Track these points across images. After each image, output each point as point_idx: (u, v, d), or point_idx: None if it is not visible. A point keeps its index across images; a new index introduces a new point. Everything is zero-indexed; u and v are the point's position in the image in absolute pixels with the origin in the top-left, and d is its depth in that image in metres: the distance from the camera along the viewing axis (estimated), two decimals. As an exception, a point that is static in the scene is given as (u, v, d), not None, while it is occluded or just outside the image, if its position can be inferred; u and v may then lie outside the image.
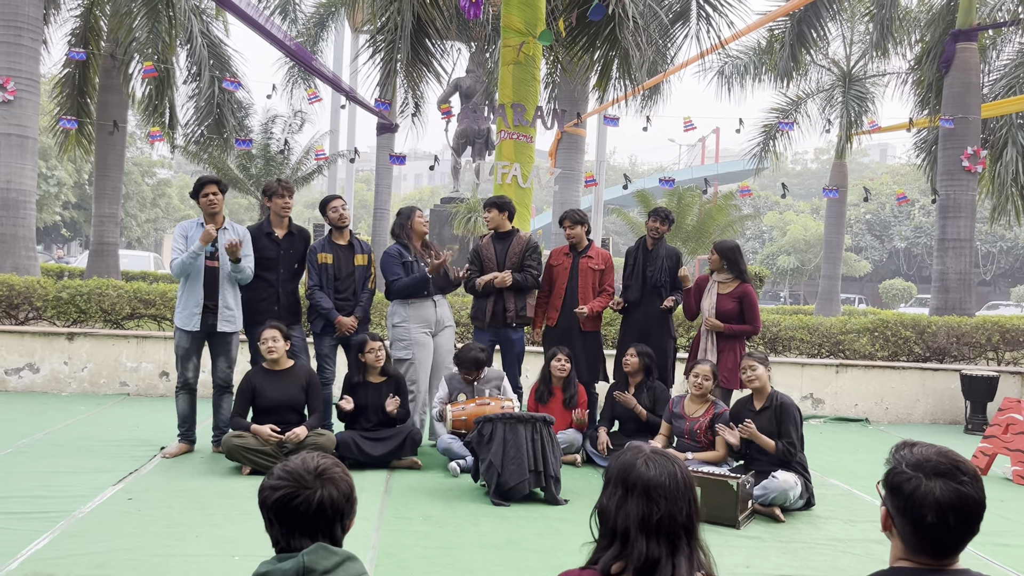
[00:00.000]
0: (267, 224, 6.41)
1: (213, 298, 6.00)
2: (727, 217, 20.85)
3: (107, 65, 14.75)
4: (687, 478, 1.85)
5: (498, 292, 6.68)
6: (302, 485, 1.88)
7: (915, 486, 1.72)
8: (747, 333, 6.54)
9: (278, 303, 6.29)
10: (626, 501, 1.81)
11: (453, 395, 6.24)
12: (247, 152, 17.67)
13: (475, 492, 5.39)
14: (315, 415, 5.85)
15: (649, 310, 6.73)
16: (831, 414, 9.37)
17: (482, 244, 6.86)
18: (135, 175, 39.21)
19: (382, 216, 19.92)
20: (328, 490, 1.89)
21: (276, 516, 1.88)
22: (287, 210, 6.38)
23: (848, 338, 9.90)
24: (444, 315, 6.61)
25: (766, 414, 5.37)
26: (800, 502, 5.23)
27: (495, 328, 6.69)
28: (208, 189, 6.02)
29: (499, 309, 6.66)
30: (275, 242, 6.34)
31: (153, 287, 9.33)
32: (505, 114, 9.54)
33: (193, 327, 5.98)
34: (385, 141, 18.93)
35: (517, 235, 6.83)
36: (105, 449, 6.09)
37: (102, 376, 8.57)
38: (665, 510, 1.78)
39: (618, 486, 1.83)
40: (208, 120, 15.45)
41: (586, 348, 6.70)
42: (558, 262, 6.83)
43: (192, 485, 5.25)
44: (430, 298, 6.49)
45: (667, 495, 1.79)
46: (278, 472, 1.93)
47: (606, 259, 6.86)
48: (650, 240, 6.87)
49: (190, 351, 6.07)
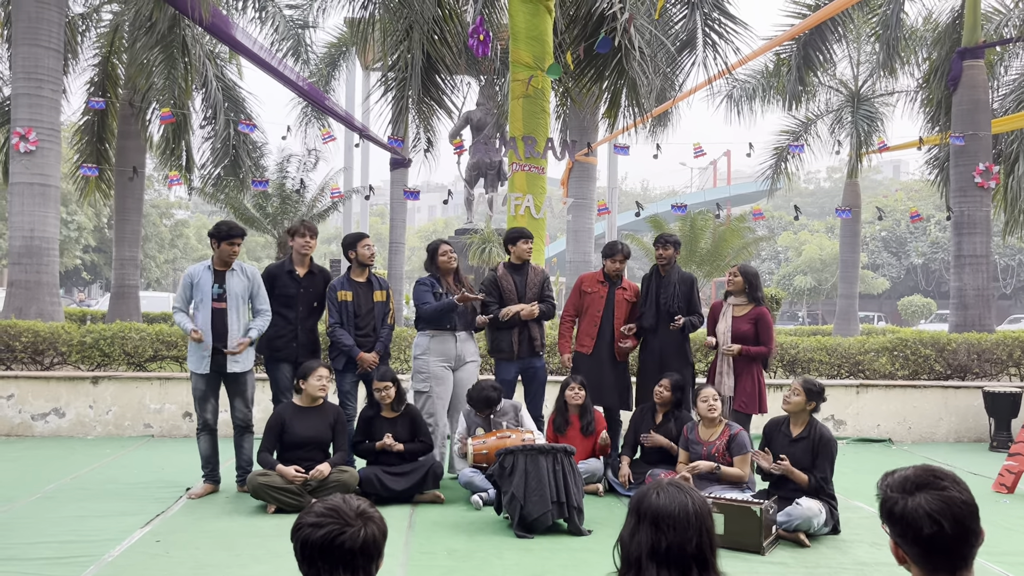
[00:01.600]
0: (289, 263, 6.51)
1: (222, 340, 6.04)
2: (741, 239, 20.84)
3: (125, 112, 15.05)
4: (700, 510, 1.87)
5: (522, 323, 6.77)
6: (347, 523, 1.92)
7: (903, 505, 1.78)
8: (762, 355, 6.53)
9: (296, 340, 6.36)
10: (638, 530, 1.85)
11: (471, 430, 6.28)
12: (263, 192, 17.90)
13: (498, 525, 5.40)
14: (340, 452, 5.90)
15: (665, 338, 6.77)
16: (853, 435, 9.31)
17: (500, 276, 6.93)
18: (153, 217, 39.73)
19: (397, 250, 20.06)
20: (370, 528, 1.94)
21: (320, 554, 1.91)
22: (308, 249, 6.48)
23: (867, 358, 9.85)
24: (465, 350, 6.66)
25: (802, 444, 5.33)
26: (825, 528, 5.20)
27: (522, 358, 6.76)
28: (234, 239, 6.09)
29: (524, 339, 6.75)
30: (296, 280, 6.44)
31: (174, 328, 9.44)
32: (516, 147, 9.65)
33: (204, 369, 6.03)
34: (399, 176, 19.12)
35: (531, 267, 6.93)
36: (132, 491, 6.15)
37: (126, 418, 8.66)
38: (673, 540, 1.81)
39: (632, 515, 1.88)
40: (224, 162, 15.70)
41: (616, 376, 6.80)
42: (593, 289, 6.91)
43: (218, 525, 5.30)
44: (452, 332, 6.56)
45: (675, 525, 1.83)
46: (319, 510, 1.96)
47: (636, 291, 7.01)
48: (661, 267, 6.92)
49: (207, 393, 6.14)
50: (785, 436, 5.42)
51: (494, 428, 6.21)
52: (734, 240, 20.45)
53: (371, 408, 6.16)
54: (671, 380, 6.35)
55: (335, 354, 6.48)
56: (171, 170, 14.70)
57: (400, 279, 19.40)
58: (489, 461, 5.84)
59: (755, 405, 6.40)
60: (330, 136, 15.85)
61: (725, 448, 5.67)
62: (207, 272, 6.11)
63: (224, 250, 6.10)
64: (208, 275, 6.10)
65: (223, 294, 6.08)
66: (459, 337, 6.61)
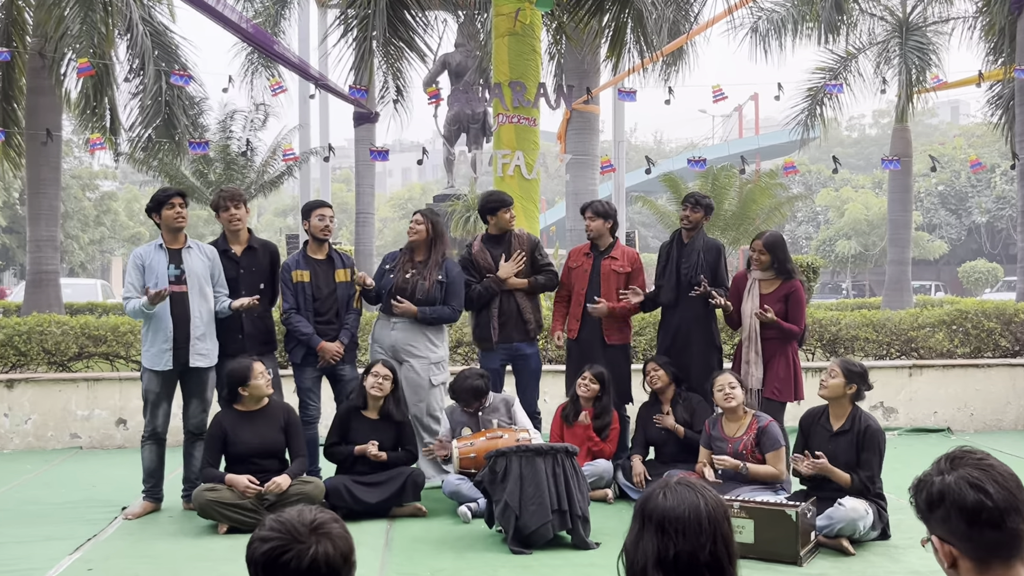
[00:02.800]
0: (222, 241, 6.50)
1: (184, 328, 6.05)
2: (772, 199, 20.86)
3: (35, 64, 14.91)
4: (714, 512, 1.89)
5: (505, 300, 6.75)
6: (294, 539, 1.94)
7: (941, 483, 1.87)
8: (792, 333, 6.51)
9: (242, 331, 6.35)
10: (643, 536, 1.87)
11: (456, 430, 6.31)
12: (204, 156, 17.80)
13: (491, 539, 5.45)
14: (298, 460, 5.93)
15: (686, 314, 6.75)
16: (906, 425, 9.39)
17: (475, 252, 6.92)
18: (74, 190, 39.53)
19: (365, 222, 20.03)
20: (324, 547, 1.94)
21: (264, 572, 1.94)
22: (239, 223, 6.44)
23: (922, 334, 9.92)
24: (402, 340, 6.62)
25: (845, 438, 5.37)
26: (873, 533, 5.26)
27: (506, 344, 6.75)
28: (174, 200, 6.10)
29: (510, 320, 6.74)
30: (232, 260, 6.42)
31: (102, 320, 9.44)
32: (502, 94, 9.63)
33: (165, 366, 6.03)
34: (364, 133, 19.05)
35: (514, 234, 6.92)
36: (58, 513, 6.17)
37: (49, 428, 8.68)
38: (682, 546, 1.84)
39: (637, 519, 1.90)
40: (156, 121, 15.59)
41: (611, 365, 6.73)
42: (577, 263, 6.90)
43: (161, 549, 5.33)
44: (387, 316, 6.68)
45: (684, 529, 1.85)
46: (270, 523, 1.99)
47: (633, 259, 6.91)
48: (684, 232, 6.88)
49: (161, 395, 6.15)
50: (825, 430, 5.46)
51: (483, 427, 6.24)
52: (763, 200, 20.46)
53: (358, 398, 6.17)
54: (657, 360, 6.52)
55: (292, 345, 6.49)
56: (93, 132, 14.59)
57: (370, 256, 19.38)
58: (478, 466, 5.88)
59: (790, 392, 6.43)
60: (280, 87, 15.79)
61: (754, 444, 5.71)
62: (159, 252, 6.11)
63: (168, 216, 6.08)
64: (161, 255, 6.09)
65: (181, 275, 6.08)
66: (394, 324, 6.63)
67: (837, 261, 41.41)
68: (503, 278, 6.73)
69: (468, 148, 18.04)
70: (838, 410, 5.46)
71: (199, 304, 6.10)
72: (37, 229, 15.27)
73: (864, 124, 68.75)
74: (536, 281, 6.84)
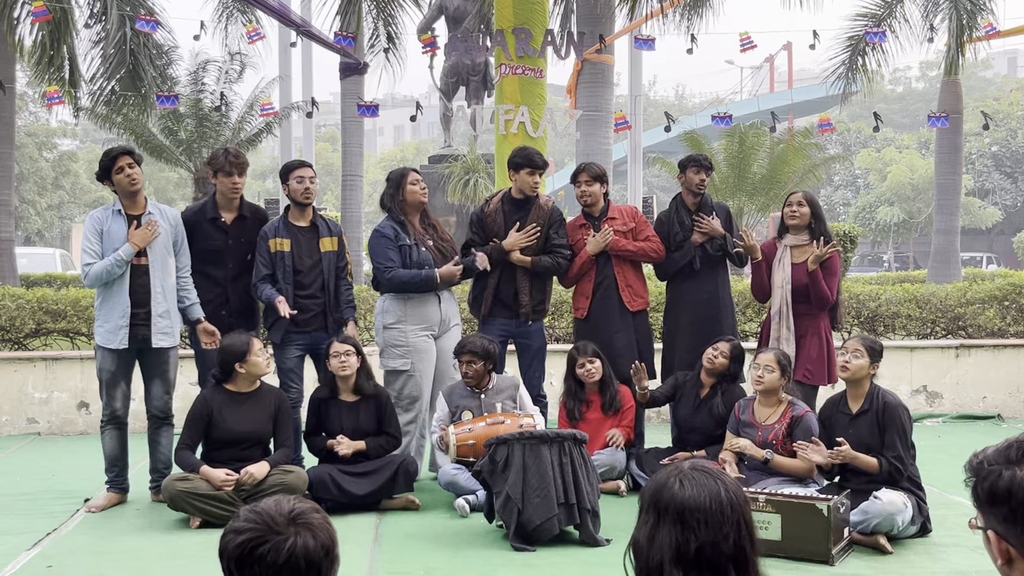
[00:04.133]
0: (211, 207, 6.47)
1: (144, 304, 6.05)
2: (806, 160, 20.76)
3: (-15, 8, 14.87)
4: (735, 498, 1.91)
5: (506, 273, 6.75)
6: (271, 530, 1.96)
7: (1010, 477, 1.80)
8: (825, 298, 6.51)
9: (227, 305, 6.38)
10: (658, 529, 1.88)
11: (456, 413, 6.33)
12: (173, 111, 17.77)
13: (491, 535, 5.49)
14: (283, 448, 5.98)
15: (710, 285, 6.80)
16: (952, 411, 9.41)
17: (488, 212, 6.87)
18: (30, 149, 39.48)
19: (353, 185, 19.98)
20: (303, 538, 1.97)
21: (237, 567, 1.96)
22: (237, 191, 6.44)
23: (970, 311, 9.92)
24: (450, 312, 6.71)
25: (865, 419, 5.42)
26: (912, 528, 5.29)
27: (504, 319, 6.76)
28: (121, 162, 6.07)
29: (508, 297, 6.73)
30: (222, 229, 6.42)
31: (62, 294, 9.46)
32: (505, 42, 9.59)
33: (120, 344, 6.04)
34: (352, 86, 18.95)
35: (537, 202, 6.85)
36: (14, 505, 6.23)
37: (3, 412, 8.73)
38: (705, 538, 1.85)
39: (650, 512, 1.91)
40: (120, 72, 15.55)
41: (637, 331, 6.80)
42: (575, 237, 6.89)
43: (127, 545, 5.37)
44: (434, 292, 6.59)
45: (707, 519, 1.86)
46: (244, 513, 2.01)
47: (632, 214, 6.98)
48: (690, 197, 6.93)
49: (117, 375, 6.17)
50: (844, 415, 5.52)
51: (486, 411, 6.26)
52: (797, 161, 20.36)
53: (325, 387, 6.20)
54: (730, 344, 6.40)
55: (271, 321, 6.49)
56: (50, 85, 14.56)
57: (358, 224, 19.37)
58: (477, 454, 5.90)
59: (823, 374, 6.48)
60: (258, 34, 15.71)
61: (786, 433, 5.73)
62: (118, 217, 6.10)
63: (120, 181, 6.07)
64: (120, 221, 6.09)
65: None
66: (443, 296, 6.65)
67: (878, 230, 41.29)
68: (507, 249, 6.68)
69: (467, 103, 17.98)
70: (856, 392, 5.51)
71: (161, 277, 6.10)
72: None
73: (910, 77, 68.32)
74: (540, 261, 6.70)
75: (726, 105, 39.73)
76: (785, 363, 5.85)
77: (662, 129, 15.95)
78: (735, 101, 49.33)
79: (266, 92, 19.68)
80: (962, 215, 22.09)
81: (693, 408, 6.46)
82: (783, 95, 45.25)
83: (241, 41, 18.88)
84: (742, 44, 13.84)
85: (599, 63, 16.77)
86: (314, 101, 17.11)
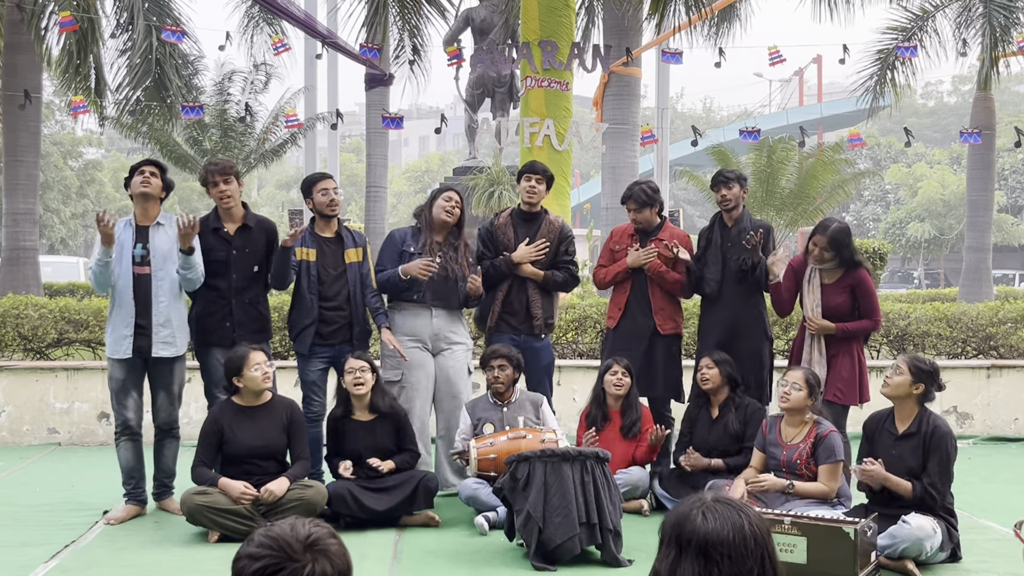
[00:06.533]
0: (214, 217, 6.50)
1: (146, 315, 6.09)
2: (835, 175, 20.66)
3: (13, 18, 15.03)
4: (758, 531, 1.89)
5: (516, 287, 6.76)
6: (288, 556, 1.96)
7: None
8: (866, 330, 6.53)
9: (231, 318, 6.38)
10: (680, 562, 1.86)
11: (478, 426, 6.33)
12: (198, 121, 17.93)
13: (510, 554, 5.47)
14: (300, 463, 5.97)
15: (735, 305, 6.72)
16: (982, 433, 9.32)
17: (498, 225, 6.92)
18: (55, 157, 39.86)
19: (377, 197, 20.06)
20: (321, 565, 1.96)
21: None
22: (229, 199, 6.43)
23: (1002, 330, 9.83)
24: (445, 328, 6.68)
25: (911, 442, 5.33)
26: (942, 555, 5.22)
27: (511, 335, 6.76)
28: (145, 168, 6.18)
29: (517, 311, 6.75)
30: (224, 240, 6.43)
31: (84, 303, 9.52)
32: (531, 55, 9.62)
33: (124, 353, 6.09)
34: (377, 98, 19.04)
35: (547, 217, 6.91)
36: (34, 516, 6.25)
37: (24, 422, 8.78)
38: (728, 571, 1.84)
39: (672, 544, 1.89)
40: (146, 82, 15.68)
41: (659, 356, 6.78)
42: (621, 246, 6.90)
43: (146, 559, 5.38)
44: (426, 306, 6.60)
45: (731, 553, 1.84)
46: (259, 539, 2.01)
47: (683, 240, 6.92)
48: (725, 215, 6.87)
49: (127, 384, 6.20)
50: (889, 434, 5.43)
51: (508, 425, 6.25)
52: (825, 176, 20.27)
53: (339, 407, 6.21)
54: (713, 356, 6.39)
55: (297, 332, 6.51)
56: (76, 94, 14.70)
57: (381, 235, 19.40)
58: (498, 468, 5.88)
59: (854, 394, 6.42)
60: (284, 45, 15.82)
61: (810, 453, 5.69)
62: (127, 229, 6.17)
63: (134, 184, 6.15)
64: (128, 232, 6.16)
65: (146, 256, 6.13)
66: (435, 312, 6.64)
67: (908, 246, 41.04)
68: (516, 261, 6.71)
69: (492, 115, 18.00)
70: (904, 412, 5.42)
71: (163, 288, 6.15)
72: (14, 201, 15.42)
73: (942, 91, 67.98)
74: (553, 277, 6.77)
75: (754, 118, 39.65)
76: (814, 383, 5.81)
77: (689, 142, 15.91)
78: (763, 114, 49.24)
79: (291, 103, 19.82)
80: (994, 232, 21.90)
81: (708, 429, 6.44)
82: (812, 108, 45.14)
83: (267, 52, 19.04)
84: (771, 58, 13.80)
85: (626, 76, 16.79)
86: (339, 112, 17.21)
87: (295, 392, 6.79)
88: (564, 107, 9.76)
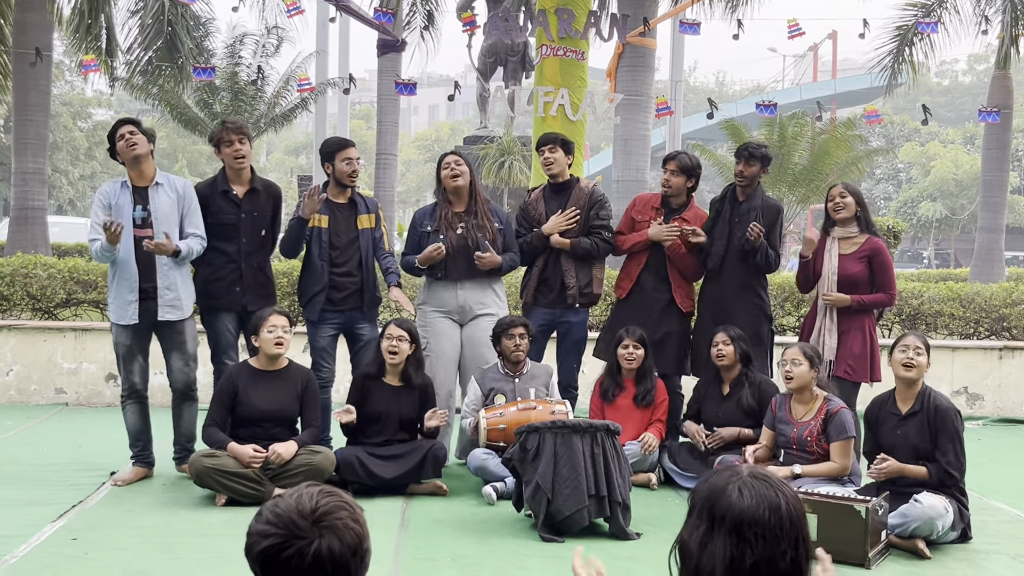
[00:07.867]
0: (222, 180, 6.45)
1: (151, 279, 6.05)
2: (849, 152, 20.59)
3: (24, -26, 14.95)
4: (795, 512, 1.85)
5: (551, 259, 6.73)
6: (293, 534, 1.93)
7: None
8: (881, 304, 6.48)
9: (240, 282, 6.34)
10: (712, 537, 1.83)
11: (490, 396, 6.31)
12: (209, 84, 17.85)
13: (519, 524, 5.46)
14: (310, 429, 5.96)
15: (733, 282, 6.66)
16: (992, 414, 9.30)
17: (529, 201, 6.95)
18: (64, 118, 39.83)
19: (387, 164, 20.03)
20: (328, 541, 1.94)
21: (262, 570, 1.94)
22: (243, 160, 6.38)
23: (1015, 312, 9.79)
24: (473, 299, 6.63)
25: (914, 421, 5.32)
26: (952, 534, 5.21)
27: (546, 308, 6.74)
28: (123, 130, 6.07)
29: (554, 282, 6.73)
30: (234, 203, 6.39)
31: (93, 264, 9.50)
32: (547, 23, 9.53)
33: (131, 319, 6.05)
34: (389, 64, 18.96)
35: (577, 185, 6.86)
36: (41, 475, 6.25)
37: (32, 381, 8.80)
38: (761, 552, 1.80)
39: (703, 517, 1.85)
40: (157, 43, 15.64)
41: (668, 330, 6.74)
42: (643, 217, 6.83)
43: (152, 520, 5.39)
44: (451, 280, 6.59)
45: (765, 533, 1.80)
46: (267, 514, 1.98)
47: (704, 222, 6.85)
48: (740, 189, 6.81)
49: (133, 349, 6.18)
50: (892, 415, 5.41)
51: (519, 396, 6.24)
52: (839, 153, 20.19)
53: (374, 365, 6.18)
54: (728, 332, 6.34)
55: (308, 299, 6.48)
56: (86, 54, 14.64)
57: (391, 203, 19.43)
58: (508, 440, 5.88)
59: (865, 371, 6.37)
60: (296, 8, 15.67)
61: (820, 430, 5.66)
62: (124, 190, 6.10)
63: (120, 147, 6.06)
64: (126, 194, 6.09)
65: (147, 217, 6.08)
66: (460, 285, 6.61)
67: (919, 225, 40.95)
68: (546, 233, 6.68)
69: (505, 84, 17.93)
70: (908, 391, 5.39)
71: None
72: (23, 160, 15.40)
73: (957, 71, 67.55)
74: (580, 244, 6.70)
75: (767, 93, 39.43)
76: (812, 354, 5.76)
77: (702, 116, 15.84)
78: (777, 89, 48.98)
79: (303, 67, 19.72)
80: (1007, 213, 21.82)
81: (719, 405, 6.42)
82: (826, 84, 44.83)
83: (279, 15, 18.92)
84: (790, 31, 13.66)
85: (641, 47, 16.63)
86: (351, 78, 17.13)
87: (304, 358, 6.77)
88: (579, 77, 9.69)
